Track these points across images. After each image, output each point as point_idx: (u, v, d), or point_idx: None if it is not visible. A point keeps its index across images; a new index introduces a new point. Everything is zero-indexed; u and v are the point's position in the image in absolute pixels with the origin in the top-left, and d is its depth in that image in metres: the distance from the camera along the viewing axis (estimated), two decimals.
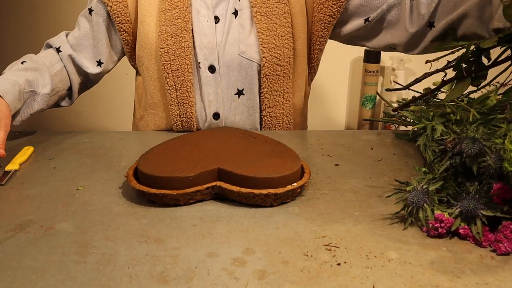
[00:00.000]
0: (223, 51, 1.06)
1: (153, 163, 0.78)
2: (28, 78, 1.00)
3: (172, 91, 1.07)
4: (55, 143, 1.02)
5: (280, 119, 1.11)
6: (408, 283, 0.58)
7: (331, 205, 0.76)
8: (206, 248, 0.65)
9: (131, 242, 0.66)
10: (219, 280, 0.58)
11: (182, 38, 1.05)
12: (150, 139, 1.05)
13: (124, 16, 1.09)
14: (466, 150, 0.70)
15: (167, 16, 1.06)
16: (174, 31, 1.05)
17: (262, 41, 1.05)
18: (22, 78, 0.98)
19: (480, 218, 0.66)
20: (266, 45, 1.06)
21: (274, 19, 1.06)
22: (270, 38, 1.06)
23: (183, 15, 1.05)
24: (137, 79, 1.19)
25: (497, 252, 0.64)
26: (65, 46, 1.11)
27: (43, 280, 0.58)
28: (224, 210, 0.75)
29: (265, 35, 1.05)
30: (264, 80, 1.07)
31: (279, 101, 1.10)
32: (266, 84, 1.08)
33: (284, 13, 1.07)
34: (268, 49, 1.06)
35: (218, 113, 1.09)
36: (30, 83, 1.00)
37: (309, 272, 0.60)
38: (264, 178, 0.74)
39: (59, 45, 1.11)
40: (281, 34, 1.06)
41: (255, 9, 1.06)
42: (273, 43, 1.06)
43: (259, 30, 1.05)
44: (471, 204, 0.67)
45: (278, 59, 1.07)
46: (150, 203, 0.76)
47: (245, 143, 0.86)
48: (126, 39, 1.12)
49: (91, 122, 2.15)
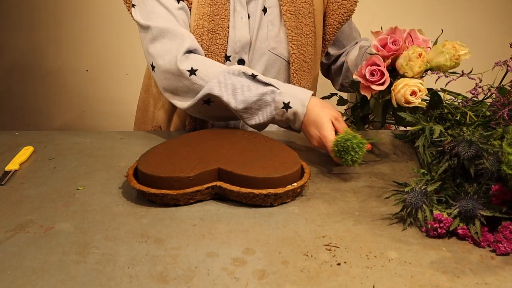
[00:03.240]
0: (254, 46, 1.09)
1: (153, 163, 0.78)
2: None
3: None
4: (55, 143, 1.02)
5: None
6: (408, 283, 0.58)
7: (331, 205, 0.76)
8: (206, 248, 0.65)
9: (131, 242, 0.66)
10: (219, 280, 0.58)
11: (218, 35, 1.07)
12: (150, 139, 1.05)
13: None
14: (462, 153, 0.71)
15: (205, 10, 1.06)
16: (212, 27, 1.06)
17: (291, 38, 1.09)
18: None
19: (478, 218, 0.66)
20: (295, 42, 1.09)
21: (301, 18, 1.10)
22: (298, 36, 1.09)
23: (221, 11, 1.07)
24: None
25: (496, 252, 0.64)
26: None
27: (43, 280, 0.58)
28: (224, 210, 0.75)
29: (294, 33, 1.09)
30: (295, 76, 1.10)
31: None
32: (296, 80, 1.11)
33: (309, 12, 1.10)
34: (297, 46, 1.09)
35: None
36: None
37: (309, 272, 0.60)
38: (264, 178, 0.74)
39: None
40: (306, 33, 1.10)
41: (284, 8, 1.08)
42: (300, 40, 1.09)
43: (288, 27, 1.08)
44: (470, 204, 0.67)
45: (304, 55, 1.10)
46: (150, 203, 0.76)
47: (245, 143, 0.86)
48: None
49: (91, 122, 2.15)
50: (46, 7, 2.04)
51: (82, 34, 2.02)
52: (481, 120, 0.84)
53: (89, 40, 2.07)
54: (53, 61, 2.05)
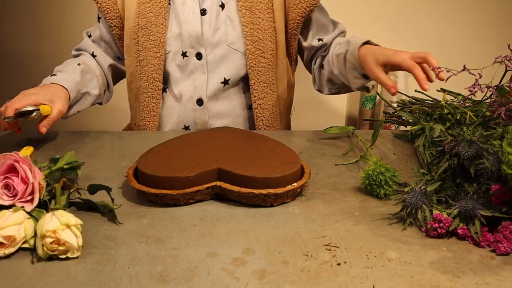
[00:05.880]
0: (212, 40, 1.10)
1: (153, 163, 0.78)
2: (85, 79, 1.11)
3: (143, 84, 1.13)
4: (55, 143, 1.02)
5: (270, 110, 1.15)
6: (408, 283, 0.58)
7: (331, 205, 0.76)
8: (206, 248, 0.65)
9: (131, 242, 0.66)
10: (219, 280, 0.58)
11: (151, 31, 1.10)
12: (150, 139, 1.05)
13: (114, 12, 1.14)
14: (463, 152, 0.71)
15: (140, 9, 1.11)
16: (144, 24, 1.10)
17: (246, 33, 1.10)
18: (80, 78, 1.09)
19: (478, 218, 0.66)
20: (250, 38, 1.10)
21: (258, 13, 1.10)
22: (253, 31, 1.10)
23: (155, 9, 1.10)
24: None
25: (496, 252, 0.64)
26: (97, 50, 1.20)
27: (43, 280, 0.58)
28: (224, 210, 0.75)
29: (249, 28, 1.10)
30: (251, 72, 1.11)
31: (267, 93, 1.14)
32: (253, 76, 1.11)
33: (267, 8, 1.11)
34: (252, 41, 1.10)
35: (202, 99, 1.12)
36: (85, 85, 1.11)
37: (309, 272, 0.60)
38: (264, 178, 0.74)
39: (91, 50, 1.19)
40: (264, 28, 1.10)
41: (240, 3, 1.10)
42: (256, 36, 1.10)
43: (243, 23, 1.09)
44: (470, 204, 0.67)
45: (262, 51, 1.11)
46: (150, 203, 0.76)
47: (245, 143, 0.86)
48: (117, 34, 1.16)
49: (91, 122, 2.15)
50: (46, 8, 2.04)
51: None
52: (481, 120, 0.84)
53: None
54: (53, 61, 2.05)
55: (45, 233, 0.61)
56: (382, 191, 0.77)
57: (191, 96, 1.12)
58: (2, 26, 2.03)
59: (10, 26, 2.03)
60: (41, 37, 2.03)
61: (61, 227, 0.61)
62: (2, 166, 0.68)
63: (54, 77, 1.04)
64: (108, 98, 1.25)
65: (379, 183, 0.77)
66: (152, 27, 1.10)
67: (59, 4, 2.03)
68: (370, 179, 0.78)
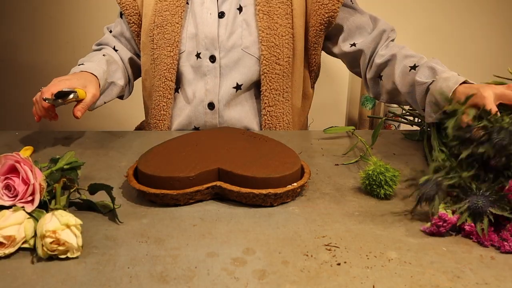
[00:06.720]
0: (227, 43, 1.08)
1: (153, 163, 0.78)
2: (110, 69, 1.11)
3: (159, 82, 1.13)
4: (55, 143, 1.02)
5: (280, 118, 1.12)
6: (408, 283, 0.58)
7: (331, 205, 0.76)
8: (206, 248, 0.65)
9: (131, 242, 0.66)
10: (219, 280, 0.58)
11: (166, 30, 1.09)
12: (150, 139, 1.05)
13: (133, 9, 1.14)
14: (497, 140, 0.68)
15: (157, 7, 1.11)
16: (160, 22, 1.10)
17: (262, 39, 1.07)
18: (107, 68, 1.09)
19: (487, 215, 0.66)
20: (266, 43, 1.07)
21: (276, 19, 1.07)
22: (270, 36, 1.07)
23: (171, 8, 1.09)
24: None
25: (500, 250, 0.64)
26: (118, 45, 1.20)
27: (43, 280, 0.58)
28: (224, 210, 0.75)
29: (265, 33, 1.07)
30: (263, 78, 1.08)
31: (279, 100, 1.11)
32: (265, 82, 1.09)
33: (286, 14, 1.08)
34: (268, 47, 1.07)
35: (213, 103, 1.10)
36: (111, 75, 1.11)
37: (309, 272, 0.60)
38: (264, 178, 0.74)
39: (113, 44, 1.20)
40: (281, 34, 1.08)
41: (258, 7, 1.07)
42: (272, 41, 1.07)
43: (259, 28, 1.07)
44: (480, 201, 0.66)
45: (277, 57, 1.08)
46: (150, 203, 0.76)
47: (245, 143, 0.86)
48: (136, 31, 1.17)
49: (91, 122, 2.15)
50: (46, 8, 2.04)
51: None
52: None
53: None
54: (53, 61, 2.06)
55: (45, 233, 0.61)
56: (382, 191, 0.77)
57: (202, 99, 1.10)
58: (2, 26, 2.03)
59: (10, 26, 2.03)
60: (41, 37, 2.03)
61: (61, 227, 0.61)
62: (3, 166, 0.68)
63: (82, 66, 1.04)
64: (129, 92, 1.25)
65: (379, 183, 0.77)
66: (167, 26, 1.09)
67: (59, 4, 2.02)
68: (370, 179, 0.78)
